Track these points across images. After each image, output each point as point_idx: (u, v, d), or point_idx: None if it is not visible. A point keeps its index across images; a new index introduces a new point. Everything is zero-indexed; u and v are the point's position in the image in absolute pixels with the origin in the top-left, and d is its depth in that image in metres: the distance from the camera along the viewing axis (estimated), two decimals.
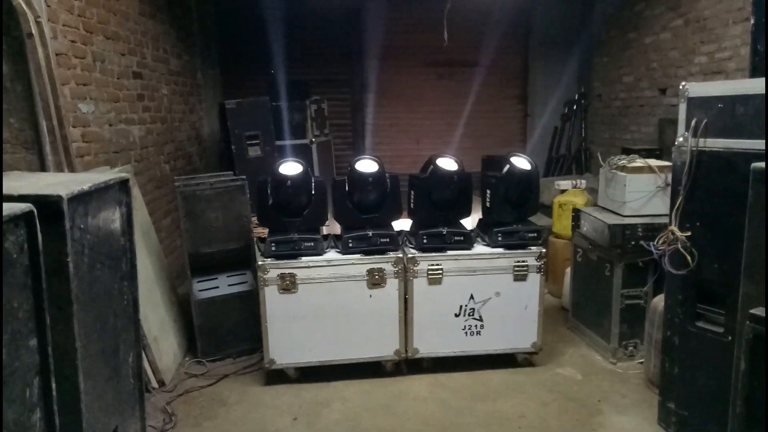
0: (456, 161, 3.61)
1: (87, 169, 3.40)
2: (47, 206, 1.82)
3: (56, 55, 3.04)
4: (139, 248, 3.46)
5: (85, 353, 2.03)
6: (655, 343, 3.20)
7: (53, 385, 1.65)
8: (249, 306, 3.69)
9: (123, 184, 2.39)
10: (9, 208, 1.49)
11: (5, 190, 1.76)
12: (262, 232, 3.74)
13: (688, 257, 2.63)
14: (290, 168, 3.48)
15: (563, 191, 4.80)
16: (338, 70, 6.97)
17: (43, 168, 2.68)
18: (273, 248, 3.39)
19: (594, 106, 6.76)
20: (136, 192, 3.93)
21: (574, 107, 6.79)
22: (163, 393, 3.34)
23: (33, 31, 2.56)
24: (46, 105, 2.61)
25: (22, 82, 2.58)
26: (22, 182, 2.08)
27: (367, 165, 3.54)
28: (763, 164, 2.05)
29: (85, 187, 2.06)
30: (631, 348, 3.66)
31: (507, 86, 7.28)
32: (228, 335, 3.81)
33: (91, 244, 2.12)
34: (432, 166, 3.57)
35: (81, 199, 2.02)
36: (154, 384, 3.37)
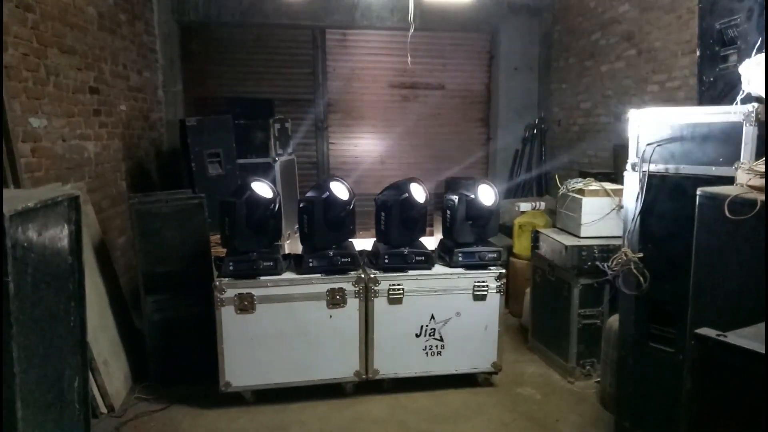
0: (424, 188, 3.62)
1: (37, 185, 3.28)
2: None
3: (5, 67, 2.94)
4: (90, 268, 3.36)
5: (26, 378, 1.93)
6: (611, 362, 3.25)
7: None
8: (205, 327, 3.59)
9: (72, 201, 2.31)
10: None
11: None
12: (220, 251, 3.66)
13: (641, 278, 2.70)
14: (262, 189, 3.43)
15: (523, 212, 4.89)
16: (302, 89, 6.97)
17: None
18: (231, 267, 3.32)
19: (553, 130, 6.94)
20: (88, 209, 3.81)
21: (535, 131, 6.96)
22: (111, 419, 3.21)
23: None
24: None
25: None
26: None
27: (340, 189, 3.51)
28: (710, 189, 2.14)
29: (31, 203, 1.98)
30: (588, 367, 3.72)
31: (470, 109, 7.40)
32: (183, 357, 3.69)
33: (36, 263, 2.03)
34: (407, 195, 3.55)
35: (26, 216, 1.94)
36: (103, 409, 3.23)
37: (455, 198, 3.60)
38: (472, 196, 3.58)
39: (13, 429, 1.81)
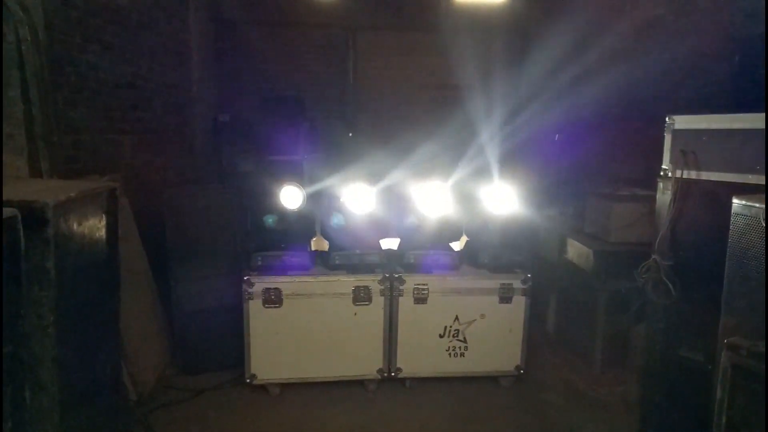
0: (449, 191, 3.64)
1: (76, 177, 3.39)
2: (32, 212, 1.82)
3: (51, 62, 3.05)
4: (124, 258, 3.44)
5: (63, 363, 2.01)
6: (638, 370, 3.21)
7: (27, 394, 1.62)
8: (233, 319, 3.66)
9: (110, 193, 2.39)
10: None
11: None
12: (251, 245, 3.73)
13: (671, 286, 2.65)
14: (291, 194, 3.49)
15: (551, 217, 4.83)
16: (333, 88, 7.03)
17: (32, 174, 2.67)
18: (259, 262, 3.38)
19: (583, 133, 6.84)
20: (124, 201, 3.91)
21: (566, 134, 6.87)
22: (140, 406, 3.29)
23: (29, 38, 2.57)
24: (39, 112, 2.61)
25: (13, 88, 2.58)
26: (8, 188, 2.07)
27: (366, 195, 3.57)
28: (745, 197, 2.09)
29: (72, 194, 2.06)
30: (613, 374, 3.66)
31: (499, 111, 7.35)
32: (211, 348, 3.76)
33: (75, 252, 2.10)
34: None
35: (67, 206, 2.02)
36: (133, 396, 3.32)
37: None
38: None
39: (51, 411, 1.88)
